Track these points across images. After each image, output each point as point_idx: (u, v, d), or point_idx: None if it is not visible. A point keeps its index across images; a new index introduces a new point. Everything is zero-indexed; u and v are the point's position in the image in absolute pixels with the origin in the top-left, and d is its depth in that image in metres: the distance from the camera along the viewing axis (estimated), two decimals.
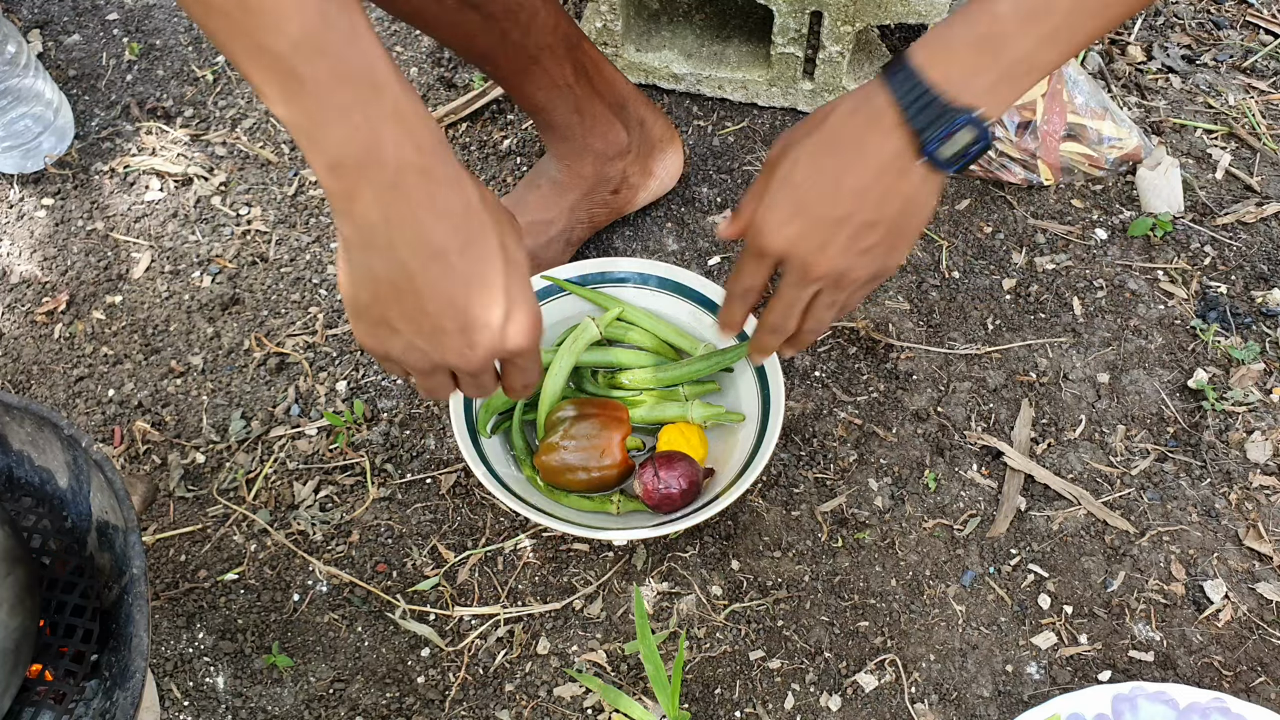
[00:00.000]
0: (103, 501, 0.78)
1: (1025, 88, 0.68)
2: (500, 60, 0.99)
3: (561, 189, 1.13)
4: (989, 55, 0.66)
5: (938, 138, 0.68)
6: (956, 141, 0.68)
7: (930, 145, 0.68)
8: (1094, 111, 1.23)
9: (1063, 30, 0.66)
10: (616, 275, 1.09)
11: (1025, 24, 0.65)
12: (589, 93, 1.07)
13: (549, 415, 1.01)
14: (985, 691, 0.95)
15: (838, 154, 0.71)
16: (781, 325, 0.81)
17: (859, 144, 0.70)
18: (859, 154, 0.70)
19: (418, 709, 0.95)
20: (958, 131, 0.68)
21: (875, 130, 0.70)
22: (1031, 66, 0.67)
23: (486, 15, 0.92)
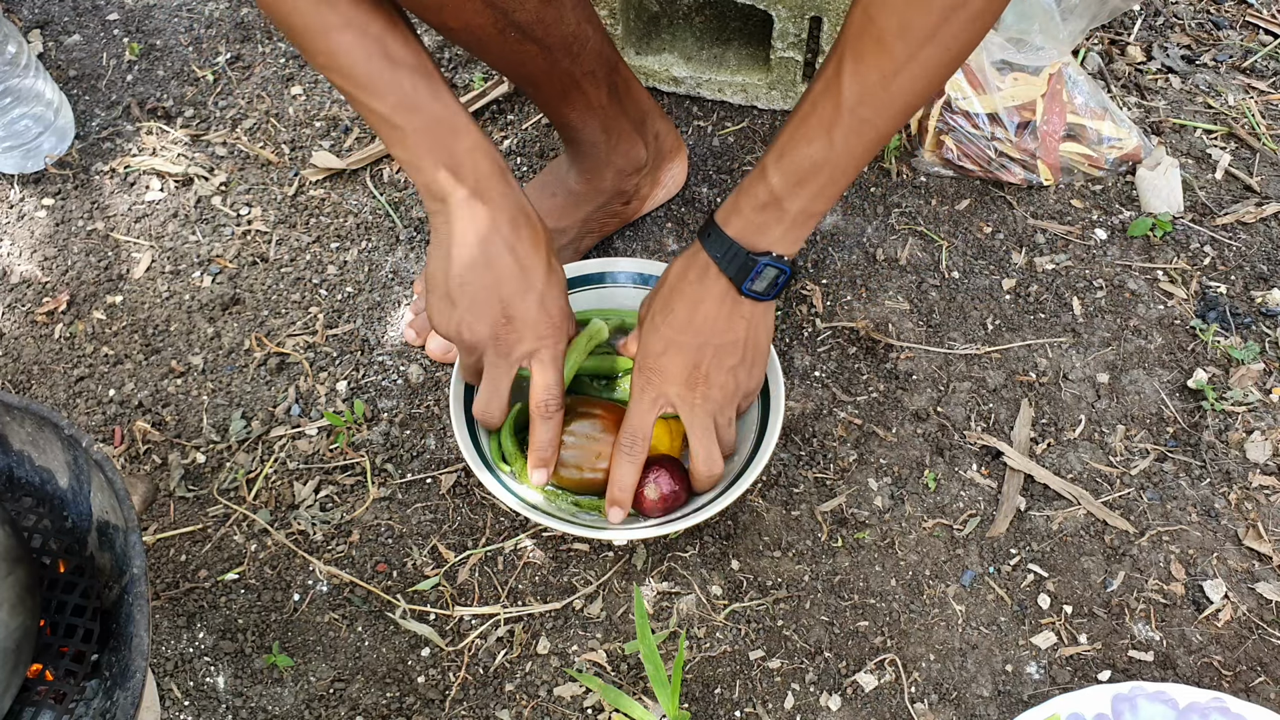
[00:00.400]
0: (103, 501, 0.78)
1: (811, 226, 0.86)
2: (544, 84, 1.00)
3: (578, 201, 1.14)
4: (772, 216, 0.84)
5: (749, 280, 0.86)
6: (764, 278, 0.87)
7: (744, 286, 0.87)
8: (1094, 111, 1.23)
9: (827, 186, 0.82)
10: (617, 275, 1.09)
11: (795, 189, 0.82)
12: (618, 112, 1.08)
13: None
14: (985, 691, 0.95)
15: (683, 300, 0.89)
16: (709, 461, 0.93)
17: (696, 290, 0.89)
18: (698, 297, 0.89)
19: (418, 709, 0.95)
20: (762, 271, 0.86)
21: (704, 280, 0.88)
22: (809, 214, 0.84)
23: (545, 47, 0.93)
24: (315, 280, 1.21)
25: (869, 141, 0.80)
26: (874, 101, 0.77)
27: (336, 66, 0.82)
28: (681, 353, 0.90)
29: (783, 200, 0.83)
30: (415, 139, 0.84)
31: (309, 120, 1.34)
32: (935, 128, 1.23)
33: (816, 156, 0.81)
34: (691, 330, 0.89)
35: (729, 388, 0.92)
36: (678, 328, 0.90)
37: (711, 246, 0.87)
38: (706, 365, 0.90)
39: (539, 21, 0.90)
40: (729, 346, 0.90)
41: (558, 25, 0.92)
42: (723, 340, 0.90)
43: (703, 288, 0.88)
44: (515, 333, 0.89)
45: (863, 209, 1.24)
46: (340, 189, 1.28)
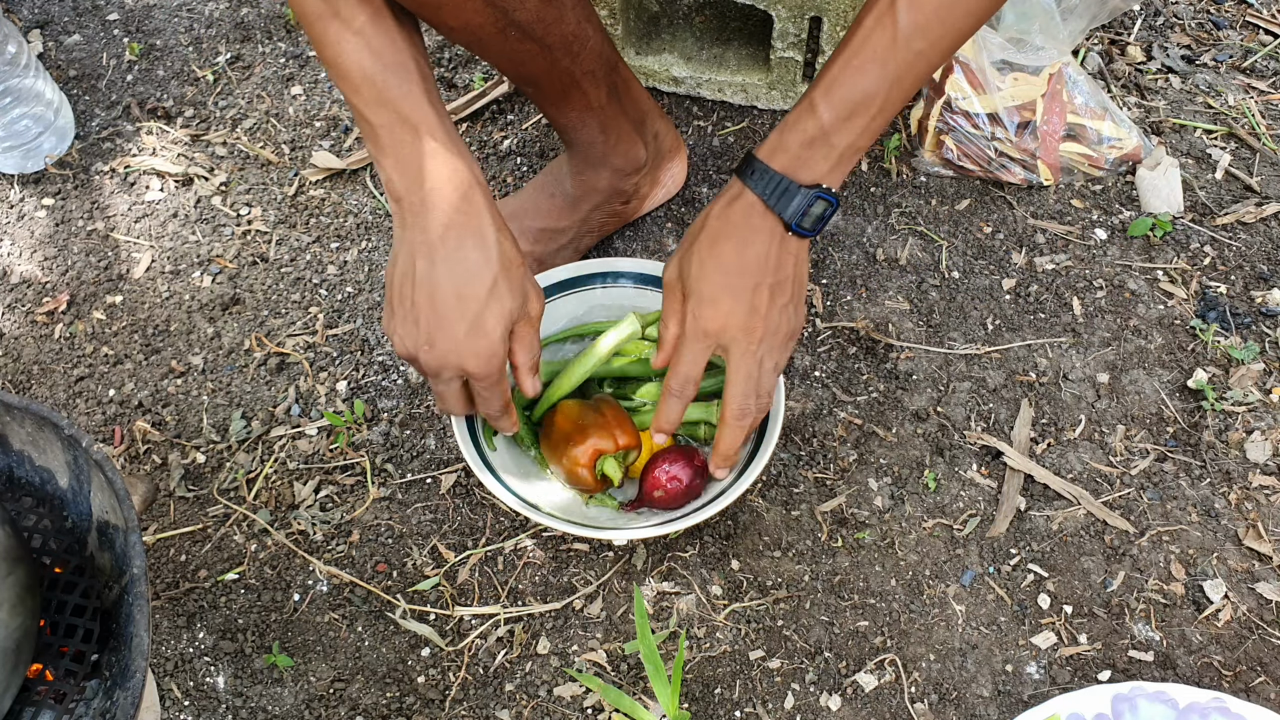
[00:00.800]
0: (103, 501, 0.78)
1: (854, 162, 0.85)
2: (544, 83, 1.00)
3: (575, 202, 1.14)
4: (820, 151, 0.82)
5: (799, 214, 0.84)
6: (812, 213, 0.84)
7: (795, 222, 0.84)
8: (1094, 111, 1.23)
9: (876, 119, 0.81)
10: (617, 275, 1.09)
11: (845, 123, 0.81)
12: (617, 112, 1.07)
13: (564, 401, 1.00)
14: (985, 691, 0.95)
15: (729, 240, 0.86)
16: (744, 407, 0.90)
17: (742, 230, 0.86)
18: (746, 236, 0.86)
19: (418, 709, 0.95)
20: (813, 205, 0.84)
21: (750, 217, 0.85)
22: (856, 149, 0.83)
23: (545, 46, 0.93)
24: (315, 280, 1.21)
25: (919, 74, 0.79)
26: (929, 33, 0.77)
27: (325, 56, 0.82)
28: (736, 295, 0.87)
29: (831, 135, 0.81)
30: (381, 135, 0.83)
31: (309, 120, 1.34)
32: (935, 128, 1.23)
33: (869, 89, 0.79)
34: (745, 271, 0.86)
35: (782, 329, 0.90)
36: (731, 271, 0.86)
37: (757, 183, 0.84)
38: (763, 307, 0.87)
39: (539, 20, 0.90)
40: (781, 285, 0.88)
41: (558, 24, 0.92)
42: (775, 279, 0.87)
43: (749, 226, 0.85)
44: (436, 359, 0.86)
45: (863, 209, 1.24)
46: (340, 189, 1.28)
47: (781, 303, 0.88)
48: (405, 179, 0.83)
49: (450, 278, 0.84)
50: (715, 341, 0.89)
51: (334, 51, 0.82)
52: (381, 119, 0.82)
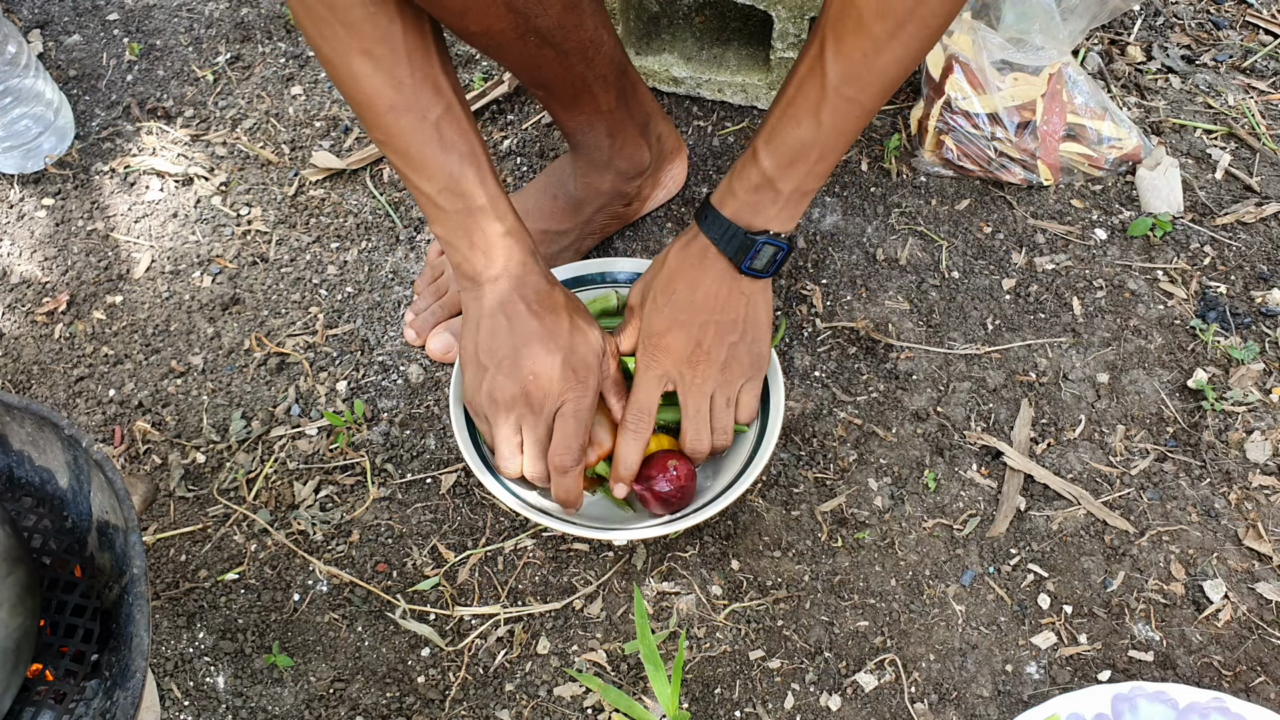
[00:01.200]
0: (103, 501, 0.78)
1: (806, 203, 0.88)
2: (557, 87, 1.00)
3: (578, 204, 1.14)
4: (766, 196, 0.87)
5: (748, 258, 0.89)
6: (762, 256, 0.89)
7: (744, 264, 0.90)
8: (1093, 111, 1.23)
9: (818, 164, 0.85)
10: (617, 275, 1.09)
11: (787, 170, 0.85)
12: (624, 116, 1.08)
13: None
14: (985, 691, 0.95)
15: (683, 279, 0.92)
16: (696, 438, 0.95)
17: (695, 270, 0.91)
18: (699, 276, 0.91)
19: (418, 709, 0.95)
20: (760, 249, 0.89)
21: (703, 260, 0.91)
22: (803, 192, 0.87)
23: (562, 52, 0.94)
24: (315, 280, 1.21)
25: (855, 119, 0.82)
26: (857, 81, 0.79)
27: (392, 144, 0.87)
28: (684, 330, 0.92)
29: (775, 181, 0.86)
30: (455, 221, 0.89)
31: (309, 120, 1.34)
32: (935, 128, 1.23)
33: (806, 137, 0.83)
34: (693, 309, 0.92)
35: (730, 366, 0.94)
36: (680, 306, 0.92)
37: (709, 228, 0.90)
38: (709, 342, 0.92)
39: (560, 27, 0.90)
40: (730, 324, 0.92)
41: (577, 31, 0.92)
42: (724, 318, 0.92)
43: (702, 268, 0.91)
44: (542, 390, 0.91)
45: (863, 209, 1.24)
46: (340, 189, 1.28)
47: (730, 340, 0.93)
48: (483, 260, 0.90)
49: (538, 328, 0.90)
50: (664, 372, 0.94)
51: (406, 142, 0.86)
52: (457, 206, 0.89)
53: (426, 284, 1.15)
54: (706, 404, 0.95)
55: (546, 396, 0.91)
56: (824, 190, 1.25)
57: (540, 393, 0.91)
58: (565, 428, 0.92)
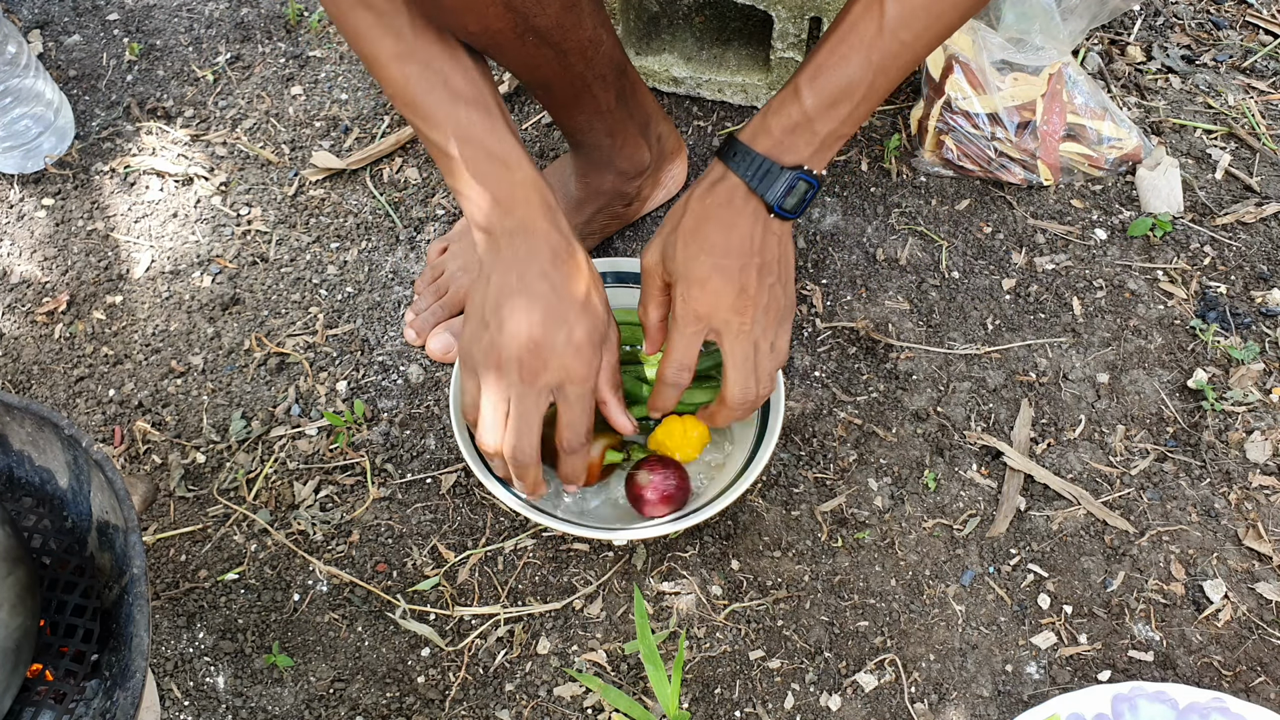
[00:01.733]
0: (103, 501, 0.78)
1: (837, 149, 0.85)
2: (556, 87, 1.00)
3: (579, 204, 1.14)
4: (803, 137, 0.83)
5: (781, 195, 0.84)
6: (795, 194, 0.85)
7: (778, 203, 0.85)
8: (1094, 111, 1.23)
9: (860, 107, 0.82)
10: (616, 275, 1.09)
11: (829, 110, 0.82)
12: (624, 116, 1.07)
13: None
14: (985, 691, 0.95)
15: (713, 223, 0.86)
16: (745, 389, 0.90)
17: (725, 212, 0.86)
18: (729, 218, 0.86)
19: (418, 709, 0.95)
20: (795, 186, 0.84)
21: (733, 199, 0.86)
22: (839, 136, 0.84)
23: (561, 52, 0.93)
24: (315, 280, 1.21)
25: (904, 64, 0.80)
26: (916, 24, 0.78)
27: (400, 95, 0.85)
28: (725, 276, 0.86)
29: (815, 121, 0.82)
30: (468, 170, 0.86)
31: (309, 120, 1.34)
32: (935, 128, 1.23)
33: (854, 76, 0.80)
34: (731, 252, 0.86)
35: (772, 308, 0.89)
36: (718, 252, 0.86)
37: (739, 165, 0.85)
38: (753, 286, 0.87)
39: (558, 26, 0.90)
40: (768, 265, 0.88)
41: (576, 30, 0.92)
42: (762, 260, 0.87)
43: (732, 209, 0.86)
44: (540, 360, 0.86)
45: (863, 209, 1.24)
46: (340, 189, 1.28)
47: (769, 282, 0.88)
48: (496, 209, 0.86)
49: (549, 290, 0.86)
50: (707, 325, 0.88)
51: (413, 92, 0.84)
52: (469, 153, 0.85)
53: (426, 284, 1.15)
54: (753, 351, 0.89)
55: (543, 370, 0.86)
56: (824, 190, 1.25)
57: (538, 364, 0.86)
58: (571, 411, 0.88)
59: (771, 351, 0.91)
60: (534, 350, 0.86)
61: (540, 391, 0.87)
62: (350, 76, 1.38)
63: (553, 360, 0.86)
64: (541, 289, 0.86)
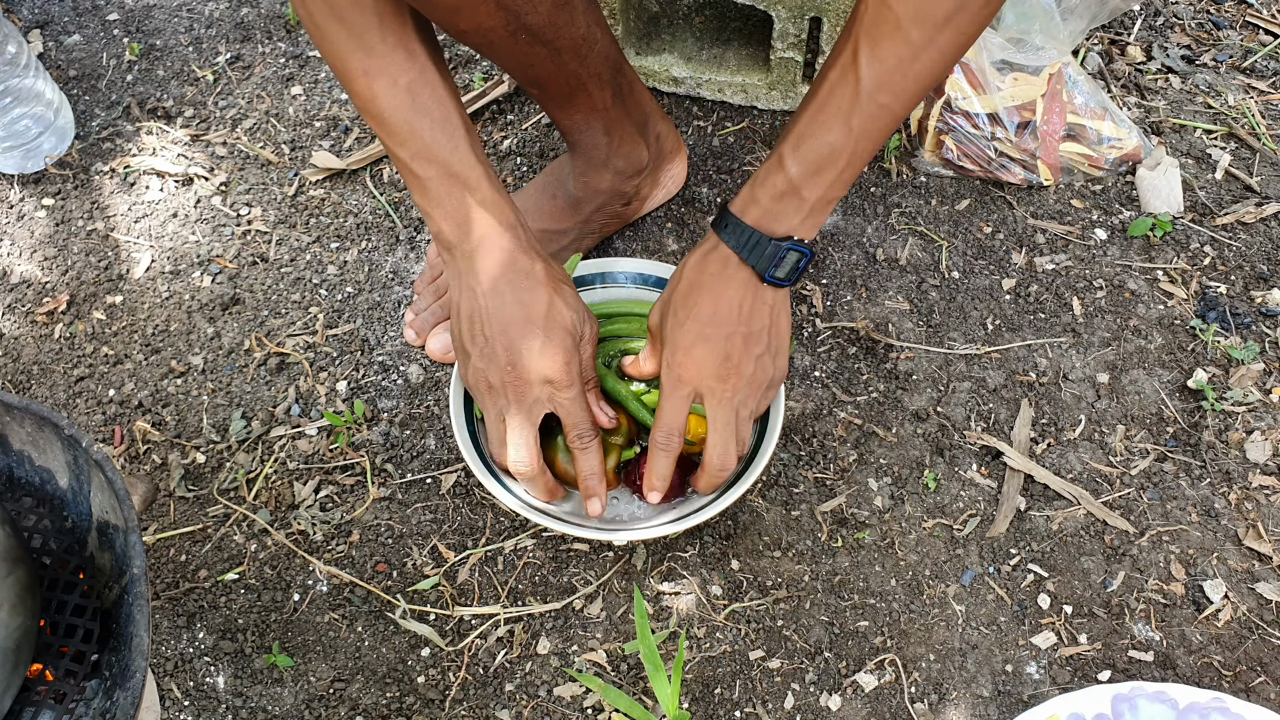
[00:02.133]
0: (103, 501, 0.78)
1: (829, 212, 0.86)
2: (551, 86, 1.00)
3: (577, 204, 1.14)
4: (791, 204, 0.84)
5: (772, 266, 0.86)
6: (786, 264, 0.86)
7: (768, 273, 0.87)
8: (1094, 112, 1.23)
9: (845, 172, 0.82)
10: (616, 275, 1.09)
11: (814, 177, 0.82)
12: (621, 114, 1.07)
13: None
14: (985, 691, 0.95)
15: (705, 291, 0.89)
16: (725, 455, 0.93)
17: (717, 281, 0.88)
18: (721, 287, 0.88)
19: (418, 709, 0.95)
20: (785, 257, 0.86)
21: (725, 269, 0.88)
22: (827, 201, 0.84)
23: (555, 50, 0.93)
24: (315, 280, 1.21)
25: (885, 126, 0.81)
26: (892, 87, 0.78)
27: (367, 109, 0.86)
28: (710, 344, 0.89)
29: (801, 189, 0.83)
30: (430, 188, 0.87)
31: (309, 120, 1.34)
32: (935, 128, 1.23)
33: (835, 143, 0.81)
34: (718, 321, 0.89)
35: (757, 378, 0.91)
36: (704, 320, 0.89)
37: (730, 237, 0.87)
38: (736, 355, 0.89)
39: (550, 24, 0.90)
40: (756, 335, 0.90)
41: (569, 28, 0.92)
42: (749, 329, 0.89)
43: (724, 279, 0.88)
44: (522, 379, 0.89)
45: (863, 209, 1.24)
46: (340, 189, 1.28)
47: (756, 352, 0.90)
48: (456, 230, 0.88)
49: (514, 307, 0.88)
50: (692, 389, 0.91)
51: (380, 107, 0.85)
52: (429, 173, 0.87)
53: (426, 284, 1.15)
54: (734, 418, 0.92)
55: (528, 387, 0.89)
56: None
57: (521, 383, 0.89)
58: (570, 415, 0.91)
59: (750, 420, 0.94)
60: (514, 369, 0.89)
61: (530, 406, 0.90)
62: None
63: (533, 375, 0.89)
64: (507, 306, 0.88)
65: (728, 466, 0.93)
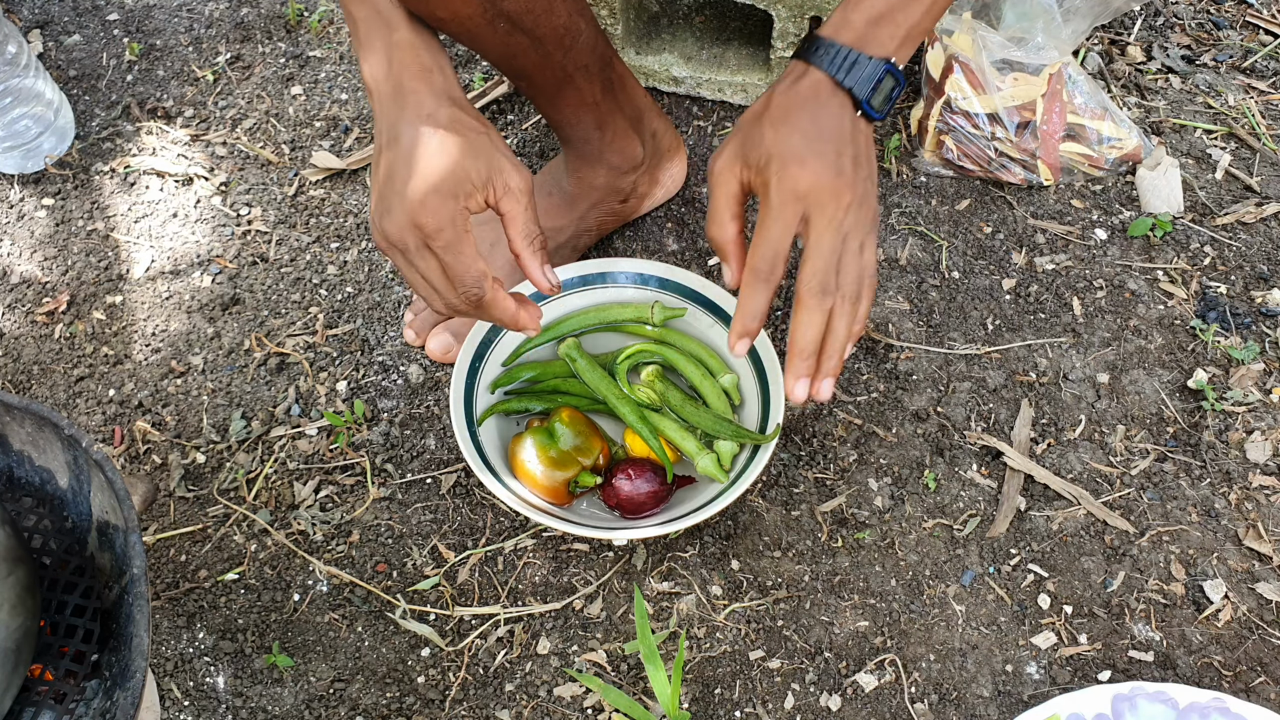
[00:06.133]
0: (103, 501, 0.78)
1: (919, 42, 0.83)
2: (537, 78, 0.99)
3: (572, 200, 1.13)
4: (887, 28, 0.81)
5: (869, 89, 0.81)
6: (882, 89, 0.82)
7: (866, 98, 0.81)
8: (1094, 111, 1.23)
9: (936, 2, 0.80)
10: (616, 275, 1.09)
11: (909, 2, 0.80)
12: (613, 108, 1.07)
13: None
14: (985, 691, 0.95)
15: (802, 112, 0.81)
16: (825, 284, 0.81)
17: (812, 104, 0.81)
18: (817, 110, 0.81)
19: (418, 709, 0.95)
20: (882, 79, 0.81)
21: (819, 93, 0.81)
22: (921, 29, 0.82)
23: (536, 39, 0.93)
24: (315, 280, 1.21)
25: None
26: None
27: None
28: (822, 157, 0.80)
29: (896, 12, 0.80)
30: (360, 29, 0.85)
31: (309, 120, 1.34)
32: (935, 128, 1.23)
33: None
34: (823, 137, 0.81)
35: (868, 206, 0.83)
36: (810, 136, 0.81)
37: (823, 59, 0.81)
38: (849, 171, 0.81)
39: (528, 12, 0.90)
40: (861, 158, 0.83)
41: (548, 16, 0.92)
42: (855, 152, 0.82)
43: (818, 101, 0.81)
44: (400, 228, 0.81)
45: None
46: (340, 189, 1.28)
47: (864, 175, 0.82)
48: (375, 71, 0.84)
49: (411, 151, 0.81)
50: (803, 206, 0.81)
51: None
52: (362, 13, 0.85)
53: None
54: (841, 242, 0.81)
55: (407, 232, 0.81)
56: None
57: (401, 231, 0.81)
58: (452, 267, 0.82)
59: (860, 253, 0.83)
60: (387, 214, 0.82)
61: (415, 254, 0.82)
62: (350, 76, 1.38)
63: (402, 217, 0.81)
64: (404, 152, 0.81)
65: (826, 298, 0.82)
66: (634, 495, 0.97)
